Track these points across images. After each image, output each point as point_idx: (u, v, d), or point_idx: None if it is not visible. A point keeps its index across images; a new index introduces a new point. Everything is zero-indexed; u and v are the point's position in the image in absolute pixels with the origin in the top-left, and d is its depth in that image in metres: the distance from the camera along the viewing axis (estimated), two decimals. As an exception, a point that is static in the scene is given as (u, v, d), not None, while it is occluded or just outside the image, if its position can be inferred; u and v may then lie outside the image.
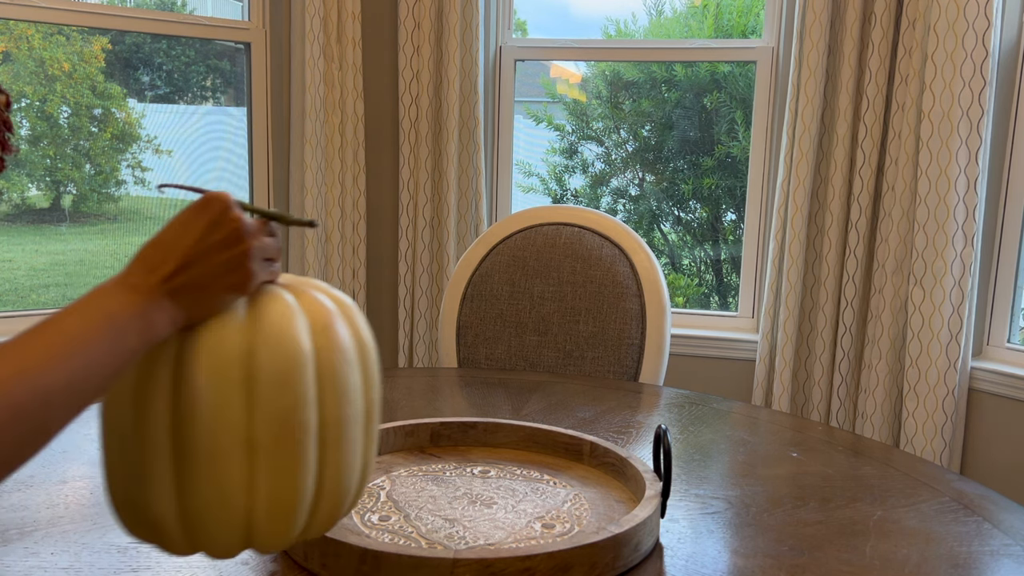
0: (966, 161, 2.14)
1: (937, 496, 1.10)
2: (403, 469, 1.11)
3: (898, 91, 2.25)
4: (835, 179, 2.33)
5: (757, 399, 2.47)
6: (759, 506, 1.06)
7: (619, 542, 0.87)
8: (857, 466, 1.21)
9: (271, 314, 0.64)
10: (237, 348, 0.62)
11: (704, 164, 2.87)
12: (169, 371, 0.62)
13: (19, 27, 2.44)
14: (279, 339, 0.63)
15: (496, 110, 2.69)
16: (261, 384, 0.62)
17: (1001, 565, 0.93)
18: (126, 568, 0.87)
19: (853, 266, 2.34)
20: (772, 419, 1.45)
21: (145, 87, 2.69)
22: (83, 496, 1.04)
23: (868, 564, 0.91)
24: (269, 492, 0.64)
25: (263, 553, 0.68)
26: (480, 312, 1.86)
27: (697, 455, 1.25)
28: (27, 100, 2.49)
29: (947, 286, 2.17)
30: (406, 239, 2.64)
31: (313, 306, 0.67)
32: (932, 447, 2.22)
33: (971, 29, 2.09)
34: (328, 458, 0.66)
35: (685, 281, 3.13)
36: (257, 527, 0.65)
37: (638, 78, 2.95)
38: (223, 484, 0.62)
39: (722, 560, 0.92)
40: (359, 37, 2.54)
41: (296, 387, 0.63)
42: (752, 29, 2.84)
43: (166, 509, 0.63)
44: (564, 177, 3.15)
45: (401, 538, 0.92)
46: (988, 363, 2.29)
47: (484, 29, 2.58)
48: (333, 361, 0.66)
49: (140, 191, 2.70)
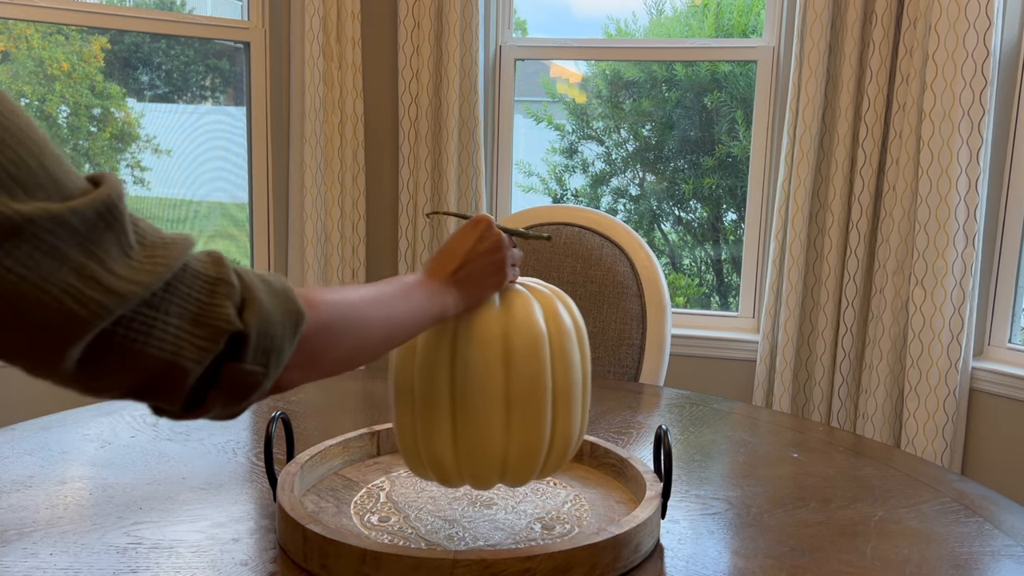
0: (967, 161, 2.14)
1: (938, 497, 1.10)
2: (403, 469, 1.10)
3: (899, 90, 2.25)
4: (836, 179, 2.32)
5: (758, 399, 2.47)
6: (760, 507, 1.06)
7: (619, 543, 0.87)
8: (858, 467, 1.21)
9: (517, 305, 0.86)
10: (497, 330, 0.84)
11: (705, 164, 2.87)
12: (448, 349, 0.84)
13: (18, 27, 2.44)
14: (526, 324, 0.85)
15: (496, 110, 2.69)
16: (515, 356, 0.84)
17: (1002, 566, 0.92)
18: (125, 569, 0.86)
19: (854, 266, 2.34)
20: (773, 419, 1.45)
21: (144, 87, 2.69)
22: (82, 497, 1.04)
23: (869, 565, 0.91)
24: (520, 438, 0.85)
25: (511, 486, 0.90)
26: (480, 312, 1.86)
27: (698, 456, 1.25)
28: (26, 100, 2.49)
29: (948, 286, 2.17)
30: (406, 239, 2.64)
31: (543, 299, 0.89)
32: (933, 447, 2.21)
33: (972, 28, 2.09)
34: (559, 413, 0.87)
35: (686, 281, 3.13)
36: (510, 465, 0.86)
37: (638, 77, 2.94)
38: (488, 431, 0.84)
39: (723, 561, 0.92)
40: (359, 36, 2.54)
41: (539, 358, 0.84)
42: (753, 28, 2.83)
43: (445, 450, 0.86)
44: (564, 177, 3.14)
45: (401, 539, 0.92)
46: (989, 363, 2.28)
47: (484, 28, 2.58)
48: (562, 339, 0.87)
49: (139, 191, 2.70)
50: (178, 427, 1.29)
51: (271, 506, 1.02)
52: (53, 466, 1.13)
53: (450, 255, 0.85)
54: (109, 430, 1.26)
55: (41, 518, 0.97)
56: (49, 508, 1.00)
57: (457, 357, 0.84)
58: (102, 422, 1.30)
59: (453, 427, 0.85)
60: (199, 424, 1.30)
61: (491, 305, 0.85)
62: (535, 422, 0.85)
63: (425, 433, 0.86)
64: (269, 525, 0.97)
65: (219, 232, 2.83)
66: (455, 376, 0.84)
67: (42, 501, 1.02)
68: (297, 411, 1.36)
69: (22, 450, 1.18)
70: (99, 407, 1.37)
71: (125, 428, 1.28)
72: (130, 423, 1.30)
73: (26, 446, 1.19)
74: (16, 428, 1.26)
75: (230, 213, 2.80)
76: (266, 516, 1.00)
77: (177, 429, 1.28)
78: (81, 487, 1.07)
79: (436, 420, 0.85)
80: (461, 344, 0.84)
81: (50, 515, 0.98)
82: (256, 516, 1.00)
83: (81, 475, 1.10)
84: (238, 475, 1.11)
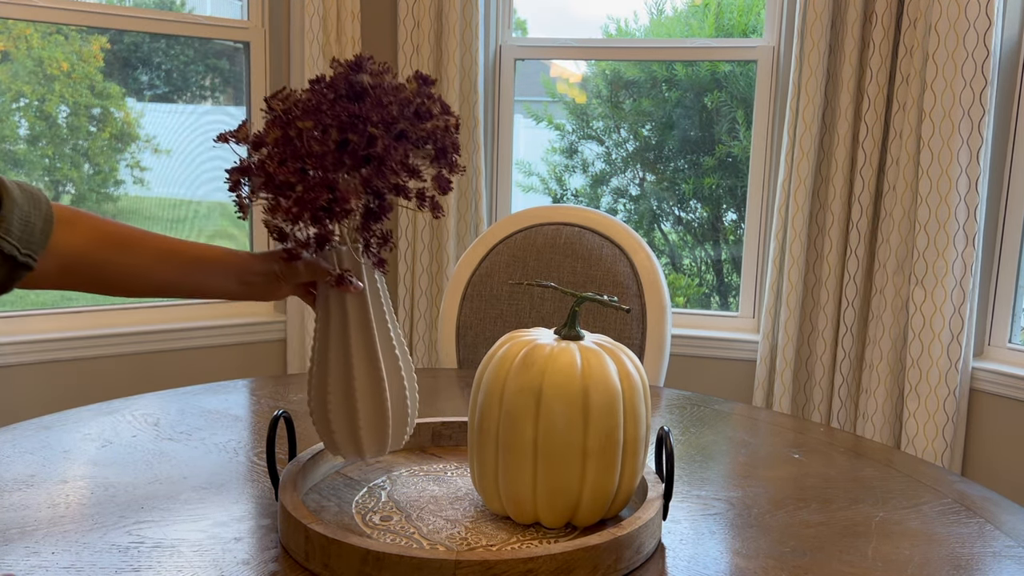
0: (967, 161, 2.14)
1: (939, 497, 1.10)
2: (404, 469, 1.10)
3: (899, 90, 2.25)
4: (836, 179, 2.32)
5: (758, 400, 2.47)
6: (761, 507, 1.06)
7: (621, 544, 0.87)
8: (858, 467, 1.21)
9: (596, 366, 0.93)
10: (578, 388, 0.92)
11: (705, 164, 2.87)
12: (534, 402, 0.92)
13: (18, 26, 2.44)
14: (603, 382, 0.92)
15: (496, 109, 2.69)
16: (593, 412, 0.91)
17: (1003, 567, 0.92)
18: (127, 568, 0.86)
19: (854, 266, 2.34)
20: (773, 420, 1.45)
21: (144, 86, 2.69)
22: (84, 496, 1.04)
23: (870, 566, 0.91)
24: (593, 484, 0.93)
25: (579, 526, 0.96)
26: (480, 312, 1.86)
27: (698, 456, 1.25)
28: (26, 100, 2.48)
29: (948, 286, 2.17)
30: (405, 239, 2.64)
31: (617, 359, 0.96)
32: (933, 448, 2.22)
33: (972, 28, 2.09)
34: (627, 463, 0.95)
35: (686, 281, 3.13)
36: (581, 508, 0.94)
37: (638, 77, 2.94)
38: (566, 478, 0.92)
39: (724, 561, 0.92)
40: (358, 36, 2.53)
41: (614, 414, 0.93)
42: (753, 28, 2.84)
43: (524, 492, 0.93)
44: (564, 177, 3.14)
45: (403, 539, 0.92)
46: (989, 363, 2.28)
47: (484, 28, 2.58)
48: (633, 396, 0.94)
49: (139, 191, 2.70)
50: (179, 427, 1.29)
51: (273, 505, 1.02)
52: (55, 465, 1.13)
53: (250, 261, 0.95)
54: (110, 429, 1.26)
55: (43, 517, 0.97)
56: (51, 507, 1.00)
57: (541, 410, 0.92)
58: (103, 421, 1.30)
59: (534, 472, 0.92)
60: (200, 424, 1.30)
61: (573, 363, 0.93)
62: (607, 471, 0.93)
63: (506, 475, 0.94)
64: (271, 524, 0.97)
65: (219, 232, 2.83)
66: (539, 427, 0.92)
67: (44, 500, 1.02)
68: (299, 410, 1.36)
69: (24, 449, 1.18)
70: (100, 407, 1.37)
71: (126, 427, 1.28)
72: (131, 423, 1.30)
73: (27, 445, 1.19)
74: (17, 427, 1.26)
75: (230, 213, 2.80)
76: (268, 515, 1.00)
77: (178, 429, 1.28)
78: (83, 486, 1.07)
79: (518, 464, 0.93)
80: (546, 398, 0.92)
81: (52, 514, 0.98)
82: (258, 515, 1.00)
83: (83, 474, 1.10)
84: (240, 474, 1.11)
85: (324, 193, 0.84)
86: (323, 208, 0.84)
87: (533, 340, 0.97)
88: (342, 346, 0.94)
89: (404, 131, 0.87)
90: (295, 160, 0.85)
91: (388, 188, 0.87)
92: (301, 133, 0.85)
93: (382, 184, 0.86)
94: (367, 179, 0.85)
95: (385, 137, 0.85)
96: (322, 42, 2.50)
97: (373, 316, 0.95)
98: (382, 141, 0.85)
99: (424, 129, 0.89)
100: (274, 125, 0.88)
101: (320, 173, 0.85)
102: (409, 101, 0.89)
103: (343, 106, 0.85)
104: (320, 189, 0.84)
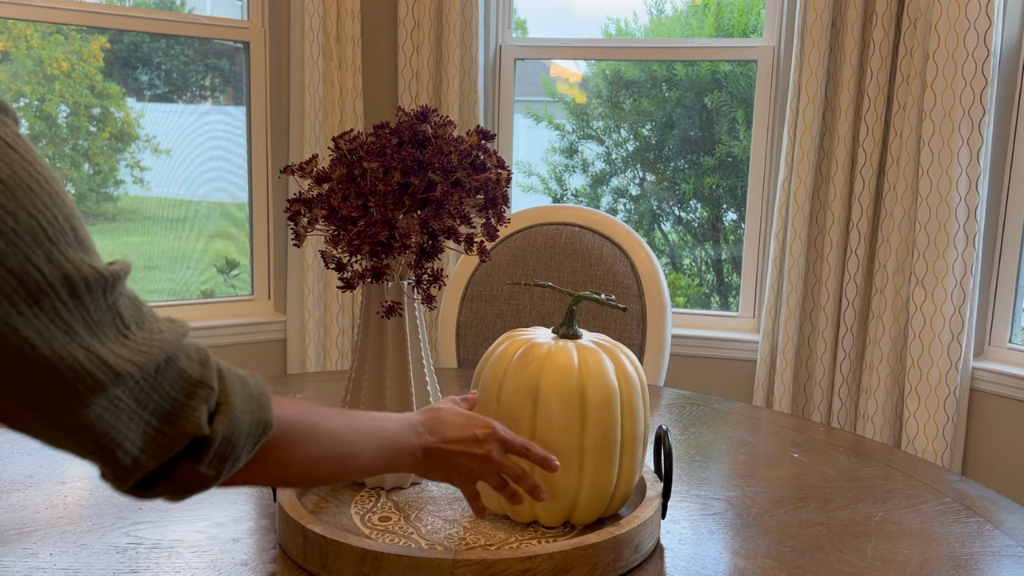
0: (968, 161, 2.14)
1: (939, 497, 1.10)
2: (403, 470, 1.10)
3: (899, 90, 2.25)
4: (836, 178, 2.32)
5: (758, 399, 2.47)
6: (760, 507, 1.06)
7: (619, 543, 0.87)
8: (858, 467, 1.20)
9: (593, 364, 0.93)
10: (575, 386, 0.91)
11: (705, 163, 2.87)
12: (531, 402, 0.92)
13: (17, 26, 2.44)
14: (600, 380, 0.92)
15: (496, 109, 2.69)
16: (590, 410, 0.91)
17: (1003, 566, 0.92)
18: (125, 569, 0.86)
19: (854, 266, 2.33)
20: (773, 420, 1.45)
21: (144, 86, 2.69)
22: (82, 497, 1.04)
23: (870, 565, 0.91)
24: (591, 483, 0.93)
25: (577, 524, 0.96)
26: (480, 312, 1.86)
27: (698, 456, 1.24)
28: (26, 100, 2.48)
29: (948, 286, 2.17)
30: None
31: (614, 357, 0.95)
32: (933, 448, 2.21)
33: (972, 28, 2.09)
34: (625, 461, 0.95)
35: (686, 281, 3.13)
36: (579, 507, 0.94)
37: (639, 77, 2.94)
38: (563, 476, 0.92)
39: (723, 561, 0.92)
40: (358, 36, 2.53)
41: (612, 412, 0.92)
42: (753, 28, 2.83)
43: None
44: (564, 177, 3.14)
45: (401, 539, 0.92)
46: (990, 363, 2.28)
47: (484, 28, 2.58)
48: (631, 395, 0.94)
49: (139, 191, 2.70)
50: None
51: (271, 506, 1.02)
52: (53, 466, 1.13)
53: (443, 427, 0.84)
54: (109, 430, 1.26)
55: (41, 518, 0.97)
56: (49, 508, 1.00)
57: (539, 408, 0.92)
58: (102, 422, 1.29)
59: (531, 470, 0.92)
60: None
61: (571, 362, 0.92)
62: (605, 469, 0.93)
63: None
64: (269, 525, 0.97)
65: (219, 232, 2.83)
66: (536, 425, 0.92)
67: (42, 501, 1.02)
68: (297, 411, 1.35)
69: (22, 450, 1.18)
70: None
71: (125, 428, 1.27)
72: (130, 423, 1.30)
73: (26, 446, 1.19)
74: (16, 428, 1.26)
75: (230, 213, 2.80)
76: (266, 516, 1.00)
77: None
78: (81, 487, 1.07)
79: (516, 462, 0.90)
80: (543, 396, 0.92)
81: (50, 515, 0.98)
82: (256, 516, 1.00)
83: (81, 475, 1.10)
84: (238, 475, 1.11)
85: (384, 229, 0.92)
86: (382, 244, 0.92)
87: (531, 339, 0.97)
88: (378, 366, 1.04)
89: (460, 180, 0.96)
90: (358, 197, 0.94)
91: (442, 230, 0.94)
92: (366, 173, 0.94)
93: (438, 226, 0.94)
94: (424, 220, 0.93)
95: (444, 183, 0.93)
96: (322, 42, 2.50)
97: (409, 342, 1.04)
98: (441, 187, 0.93)
99: (478, 179, 0.97)
100: (340, 163, 0.96)
101: (381, 211, 0.92)
102: (468, 153, 0.97)
103: (407, 151, 0.94)
104: (381, 225, 0.92)
